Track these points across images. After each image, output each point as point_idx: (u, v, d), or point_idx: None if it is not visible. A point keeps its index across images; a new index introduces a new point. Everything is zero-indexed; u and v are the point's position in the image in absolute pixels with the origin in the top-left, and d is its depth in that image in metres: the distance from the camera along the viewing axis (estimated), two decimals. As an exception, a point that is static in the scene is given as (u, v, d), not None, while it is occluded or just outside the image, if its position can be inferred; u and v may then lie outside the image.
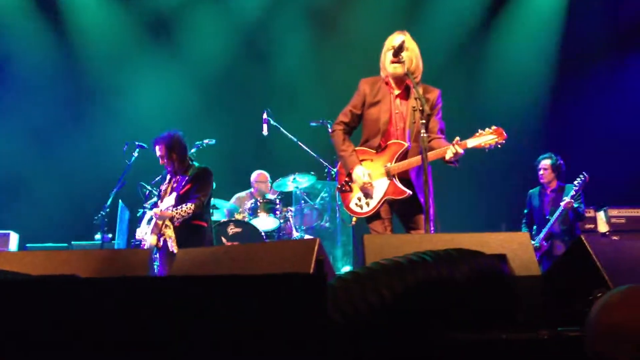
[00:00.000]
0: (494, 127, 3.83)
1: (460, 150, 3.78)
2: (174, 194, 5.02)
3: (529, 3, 8.83)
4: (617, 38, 8.39)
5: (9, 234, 7.03)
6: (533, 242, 6.28)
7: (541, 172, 6.46)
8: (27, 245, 7.04)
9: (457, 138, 3.83)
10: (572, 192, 6.10)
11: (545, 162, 6.46)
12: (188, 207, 5.02)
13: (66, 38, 8.77)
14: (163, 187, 5.37)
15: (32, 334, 1.59)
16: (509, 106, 8.42)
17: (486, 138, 3.81)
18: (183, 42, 9.02)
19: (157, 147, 5.32)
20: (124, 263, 2.81)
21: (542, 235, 6.28)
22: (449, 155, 3.78)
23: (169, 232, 5.10)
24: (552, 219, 6.19)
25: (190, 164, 5.37)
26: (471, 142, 3.83)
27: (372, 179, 4.01)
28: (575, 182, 6.13)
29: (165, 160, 5.29)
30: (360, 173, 4.01)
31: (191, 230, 5.13)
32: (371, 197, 4.01)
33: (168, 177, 5.40)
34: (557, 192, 6.40)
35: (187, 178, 5.21)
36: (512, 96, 8.55)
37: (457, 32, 8.73)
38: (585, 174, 6.11)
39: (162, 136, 5.35)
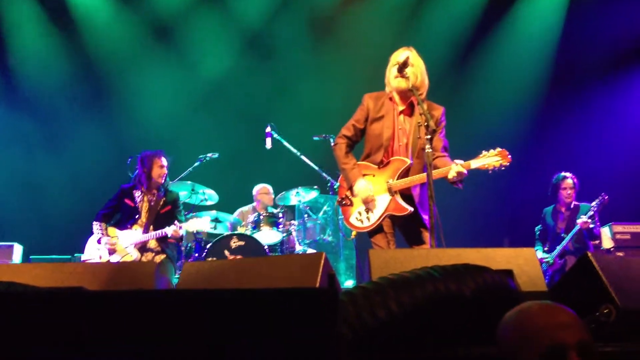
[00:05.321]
0: (498, 149, 3.81)
1: (464, 171, 3.77)
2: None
3: (524, 18, 8.87)
4: (613, 57, 8.43)
5: (12, 245, 7.03)
6: (547, 259, 6.29)
7: (568, 192, 6.45)
8: (31, 256, 7.05)
9: (459, 161, 3.82)
10: (591, 212, 6.13)
11: (569, 182, 6.47)
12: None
13: (74, 48, 8.85)
14: (138, 203, 5.63)
15: (38, 347, 1.59)
16: (505, 120, 8.46)
17: (490, 160, 3.79)
18: (186, 54, 9.09)
19: (166, 159, 5.76)
20: (130, 275, 2.82)
21: (556, 252, 6.29)
22: (451, 174, 3.77)
23: (154, 245, 5.51)
24: (567, 238, 6.21)
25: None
26: (475, 163, 3.81)
27: (374, 194, 4.02)
28: (594, 203, 6.15)
29: (165, 173, 5.73)
30: (362, 186, 4.00)
31: (173, 247, 5.73)
32: (372, 212, 4.00)
33: (139, 192, 5.67)
34: (573, 210, 6.41)
35: (164, 199, 5.69)
36: (508, 109, 8.59)
37: (452, 44, 8.77)
38: (604, 195, 6.13)
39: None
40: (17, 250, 7.11)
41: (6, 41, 8.65)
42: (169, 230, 5.40)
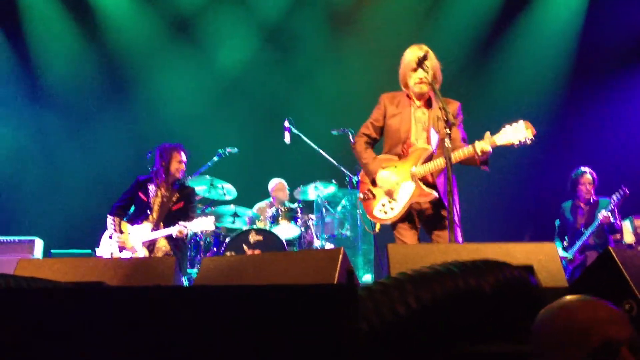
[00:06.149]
0: (522, 121, 3.70)
1: (489, 148, 3.68)
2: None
3: (546, 10, 8.77)
4: (636, 47, 8.28)
5: (34, 240, 7.10)
6: (567, 255, 6.22)
7: (587, 187, 6.35)
8: (52, 251, 7.10)
9: (488, 132, 3.73)
10: (611, 207, 6.03)
11: (588, 178, 6.37)
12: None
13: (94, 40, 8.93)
14: (151, 199, 5.53)
15: (59, 341, 1.61)
16: (526, 113, 8.31)
17: (515, 133, 3.69)
18: (205, 49, 9.15)
19: (185, 154, 5.69)
20: (150, 271, 2.84)
21: (576, 247, 6.22)
22: (478, 150, 3.67)
23: (163, 244, 5.41)
24: (587, 233, 6.12)
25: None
26: (500, 139, 3.69)
27: (398, 181, 3.99)
28: (614, 197, 6.04)
29: (183, 169, 5.66)
30: (385, 176, 3.99)
31: (181, 243, 5.55)
32: (396, 201, 3.97)
33: (153, 186, 5.57)
34: (592, 205, 6.33)
35: (177, 195, 5.58)
36: (527, 103, 8.49)
37: (471, 37, 8.71)
38: (624, 188, 6.03)
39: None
40: (38, 244, 7.17)
41: (28, 37, 8.74)
42: (174, 230, 5.27)
